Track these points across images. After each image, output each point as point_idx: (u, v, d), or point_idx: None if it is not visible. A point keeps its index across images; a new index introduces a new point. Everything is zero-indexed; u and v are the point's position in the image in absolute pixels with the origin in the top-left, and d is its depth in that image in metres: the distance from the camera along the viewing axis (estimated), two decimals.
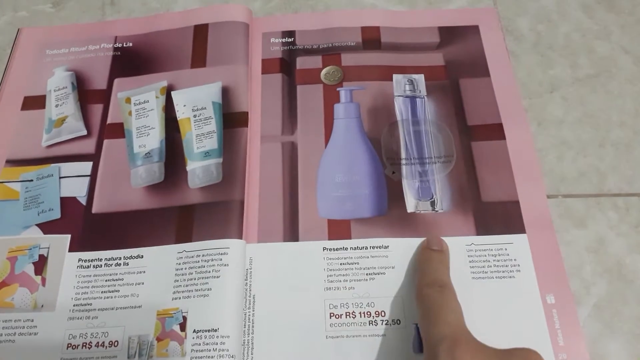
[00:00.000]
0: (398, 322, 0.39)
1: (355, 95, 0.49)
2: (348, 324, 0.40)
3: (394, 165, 0.46)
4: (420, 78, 0.50)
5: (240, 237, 0.42)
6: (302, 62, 0.52)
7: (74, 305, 0.41)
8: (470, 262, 0.42)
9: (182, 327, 0.39)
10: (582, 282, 0.42)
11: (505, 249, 0.42)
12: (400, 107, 0.49)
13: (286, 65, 0.51)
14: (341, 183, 0.45)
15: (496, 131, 0.47)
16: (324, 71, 0.51)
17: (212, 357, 0.37)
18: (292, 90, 0.50)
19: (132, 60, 0.52)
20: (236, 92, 0.49)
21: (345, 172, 0.46)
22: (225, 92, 0.49)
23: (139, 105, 0.49)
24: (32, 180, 0.46)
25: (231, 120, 0.48)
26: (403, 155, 0.47)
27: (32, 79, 0.52)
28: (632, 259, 0.43)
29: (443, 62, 0.51)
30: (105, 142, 0.48)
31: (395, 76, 0.50)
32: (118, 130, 0.49)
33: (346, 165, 0.46)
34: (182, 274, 0.41)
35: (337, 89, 0.49)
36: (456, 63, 0.51)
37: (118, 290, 0.41)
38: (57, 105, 0.50)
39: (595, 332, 0.40)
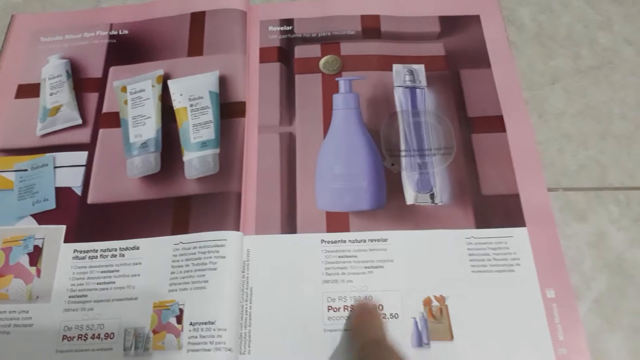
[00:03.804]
0: (396, 316, 0.39)
1: (354, 86, 0.48)
2: (346, 317, 0.39)
3: (393, 157, 0.46)
4: (420, 68, 0.49)
5: (238, 229, 0.42)
6: (300, 51, 0.51)
7: (69, 297, 0.40)
8: (469, 255, 0.41)
9: (179, 319, 0.38)
10: (582, 277, 0.41)
11: (505, 243, 0.42)
12: (400, 98, 0.48)
13: (284, 54, 0.51)
14: (340, 175, 0.45)
15: (497, 123, 0.47)
16: (322, 60, 0.50)
17: (208, 349, 0.37)
18: (290, 80, 0.49)
19: (128, 48, 0.51)
20: (233, 82, 0.48)
21: (343, 163, 0.45)
22: (223, 81, 0.48)
23: (135, 94, 0.48)
24: (26, 170, 0.46)
25: (228, 110, 0.47)
26: (402, 147, 0.46)
27: (26, 66, 0.51)
28: (632, 253, 0.42)
29: (444, 52, 0.50)
30: (101, 131, 0.48)
31: (395, 66, 0.49)
32: (114, 120, 0.48)
33: (345, 157, 0.45)
34: (179, 266, 0.41)
35: (336, 79, 0.48)
36: (457, 53, 0.50)
37: (114, 282, 0.41)
38: (51, 94, 0.49)
39: (595, 326, 0.40)
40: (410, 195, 0.44)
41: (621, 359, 0.39)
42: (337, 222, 0.43)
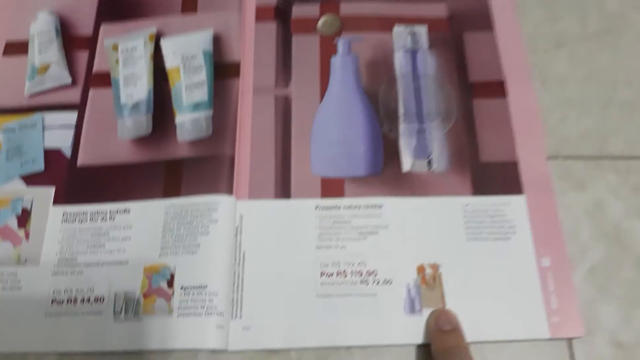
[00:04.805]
0: (389, 282, 0.39)
1: (353, 47, 0.46)
2: (339, 283, 0.39)
3: (391, 122, 0.45)
4: (422, 30, 0.48)
5: (231, 193, 0.41)
6: (298, 11, 0.49)
7: (58, 260, 0.40)
8: (465, 222, 0.41)
9: (170, 283, 0.38)
10: (578, 246, 0.41)
11: (502, 210, 0.41)
12: (400, 61, 0.47)
13: (281, 13, 0.49)
14: (336, 140, 0.44)
15: (498, 88, 0.46)
16: (321, 21, 0.48)
17: (199, 314, 0.37)
18: (286, 41, 0.48)
19: (120, 4, 0.50)
20: (228, 41, 0.47)
21: (340, 128, 0.44)
22: (217, 40, 0.47)
23: (127, 53, 0.47)
24: (14, 131, 0.45)
25: (222, 70, 0.46)
26: (401, 112, 0.45)
27: (14, 22, 0.49)
28: (629, 223, 0.42)
29: (447, 14, 0.48)
30: (91, 91, 0.46)
31: (396, 27, 0.48)
32: (104, 80, 0.47)
33: (341, 122, 0.44)
34: (170, 230, 0.40)
35: (335, 40, 0.47)
36: (460, 15, 0.48)
37: (104, 246, 0.40)
38: (40, 52, 0.47)
39: (589, 296, 0.39)
40: (407, 162, 0.43)
41: (614, 328, 0.38)
42: (332, 187, 0.43)
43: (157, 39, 0.47)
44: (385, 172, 0.43)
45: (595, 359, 0.38)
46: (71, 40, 0.48)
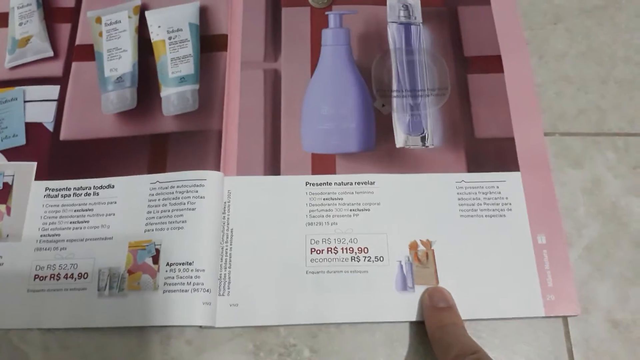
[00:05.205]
0: (381, 259, 0.38)
1: (345, 20, 0.45)
2: (329, 260, 0.38)
3: (384, 97, 0.44)
4: (416, 3, 0.46)
5: (218, 169, 0.40)
6: None
7: (41, 236, 0.39)
8: (459, 199, 0.40)
9: (155, 259, 0.37)
10: (574, 223, 0.40)
11: (497, 187, 0.40)
12: (393, 35, 0.45)
13: None
14: (327, 115, 0.43)
15: (494, 63, 0.44)
16: None
17: (186, 290, 0.36)
18: (276, 13, 0.46)
19: None
20: (215, 13, 0.46)
21: (331, 103, 0.43)
22: (203, 12, 0.45)
23: (111, 26, 0.45)
24: None
25: (209, 43, 0.44)
26: (394, 87, 0.44)
27: None
28: (627, 200, 0.41)
29: None
30: (74, 64, 0.45)
31: (389, 0, 0.46)
32: (88, 53, 0.45)
33: (333, 97, 0.43)
34: (156, 206, 0.39)
35: (326, 13, 0.45)
36: None
37: (87, 221, 0.39)
38: (20, 24, 0.46)
39: (585, 274, 0.39)
40: (400, 138, 0.42)
41: (609, 306, 0.38)
42: (323, 164, 0.41)
43: (141, 11, 0.46)
44: (377, 148, 0.42)
45: (591, 337, 0.37)
46: (53, 12, 0.47)
